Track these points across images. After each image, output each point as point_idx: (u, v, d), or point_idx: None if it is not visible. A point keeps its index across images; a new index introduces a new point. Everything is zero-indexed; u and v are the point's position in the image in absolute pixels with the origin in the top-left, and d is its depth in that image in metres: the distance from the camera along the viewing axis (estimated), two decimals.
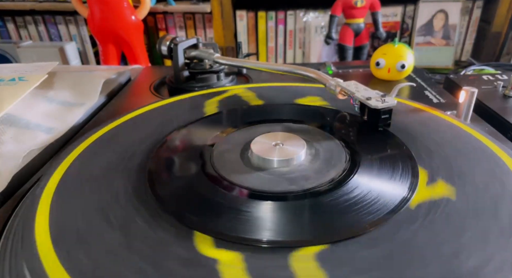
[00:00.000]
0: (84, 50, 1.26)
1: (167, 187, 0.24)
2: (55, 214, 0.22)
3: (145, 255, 0.18)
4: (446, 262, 0.18)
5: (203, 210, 0.22)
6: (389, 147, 0.28)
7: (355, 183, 0.24)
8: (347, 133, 0.30)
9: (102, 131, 0.31)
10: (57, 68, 0.47)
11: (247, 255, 0.18)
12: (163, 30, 1.23)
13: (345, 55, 1.07)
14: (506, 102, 0.40)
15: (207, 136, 0.31)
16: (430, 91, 0.45)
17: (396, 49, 0.48)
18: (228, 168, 0.26)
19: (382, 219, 0.20)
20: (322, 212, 0.21)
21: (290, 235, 0.20)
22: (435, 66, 1.13)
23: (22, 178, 0.30)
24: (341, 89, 0.32)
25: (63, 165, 0.27)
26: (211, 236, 0.20)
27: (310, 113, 0.34)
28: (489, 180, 0.24)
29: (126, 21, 0.98)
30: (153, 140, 0.30)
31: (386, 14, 1.12)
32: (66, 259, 0.18)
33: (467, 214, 0.21)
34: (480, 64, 0.67)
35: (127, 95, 0.48)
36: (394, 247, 0.19)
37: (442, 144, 0.28)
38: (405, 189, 0.23)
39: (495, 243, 0.19)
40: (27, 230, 0.20)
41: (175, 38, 0.47)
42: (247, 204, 0.22)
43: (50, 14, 1.21)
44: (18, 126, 0.35)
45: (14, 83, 0.40)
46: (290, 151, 0.27)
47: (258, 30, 1.17)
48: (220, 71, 0.47)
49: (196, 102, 0.37)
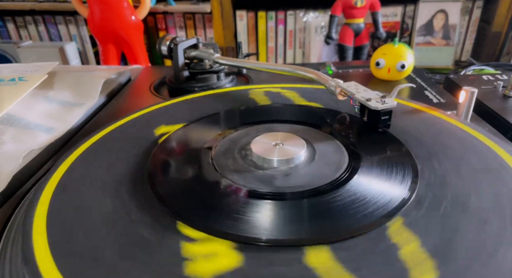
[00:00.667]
0: (84, 50, 1.26)
1: (167, 187, 0.24)
2: (53, 216, 0.22)
3: (145, 262, 0.18)
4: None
5: (203, 209, 0.22)
6: (389, 147, 0.28)
7: (355, 183, 0.24)
8: (346, 134, 0.30)
9: (105, 132, 0.31)
10: (57, 68, 0.47)
11: (247, 254, 0.18)
12: (163, 30, 1.23)
13: (345, 55, 1.07)
14: (506, 102, 0.40)
15: (207, 136, 0.31)
16: (430, 91, 0.45)
17: (396, 49, 0.48)
18: (228, 167, 0.26)
19: (382, 219, 0.20)
20: (322, 212, 0.21)
21: (290, 234, 0.20)
22: (435, 66, 1.13)
23: (22, 178, 0.30)
24: (341, 90, 0.32)
25: (63, 166, 0.27)
26: (211, 235, 0.20)
27: (310, 114, 0.34)
28: (491, 179, 0.24)
29: (126, 21, 0.98)
30: (153, 140, 0.30)
31: (386, 14, 1.12)
32: (63, 262, 0.18)
33: (469, 212, 0.21)
34: (480, 64, 0.67)
35: (127, 95, 0.48)
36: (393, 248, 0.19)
37: (442, 144, 0.28)
38: (405, 189, 0.23)
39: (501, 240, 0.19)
40: (25, 233, 0.20)
41: (175, 38, 0.47)
42: (247, 204, 0.22)
43: (50, 14, 1.21)
44: (18, 126, 0.35)
45: (14, 83, 0.40)
46: (290, 151, 0.27)
47: (258, 30, 1.17)
48: (220, 71, 0.47)
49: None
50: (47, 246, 0.19)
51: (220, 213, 0.22)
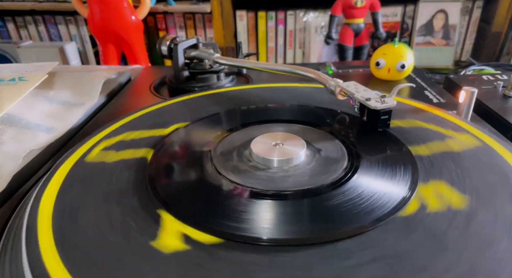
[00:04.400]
0: (84, 50, 1.26)
1: (168, 187, 0.24)
2: (58, 215, 0.22)
3: (148, 258, 0.18)
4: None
5: (202, 209, 0.22)
6: (389, 147, 0.28)
7: (355, 183, 0.24)
8: (346, 134, 0.30)
9: (106, 132, 0.32)
10: (57, 68, 0.47)
11: (247, 254, 0.18)
12: (163, 30, 1.23)
13: (345, 55, 1.07)
14: (506, 102, 0.40)
15: (207, 136, 0.31)
16: (430, 91, 0.46)
17: (396, 49, 0.48)
18: (228, 167, 0.26)
19: (382, 219, 0.20)
20: (322, 212, 0.21)
21: (290, 234, 0.20)
22: (435, 66, 1.13)
23: (22, 178, 0.30)
24: (340, 89, 0.32)
25: (65, 165, 0.27)
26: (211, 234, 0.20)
27: (310, 114, 0.34)
28: (491, 177, 0.24)
29: (126, 21, 0.98)
30: (154, 139, 0.30)
31: (386, 14, 1.12)
32: (68, 260, 0.18)
33: (468, 212, 0.21)
34: (480, 64, 0.67)
35: (127, 95, 0.48)
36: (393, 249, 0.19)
37: (442, 144, 0.28)
38: (405, 189, 0.23)
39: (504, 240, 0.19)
40: (30, 231, 0.20)
41: (175, 38, 0.47)
42: (247, 204, 0.22)
43: (50, 14, 1.21)
44: (18, 126, 0.35)
45: (14, 83, 0.40)
46: (290, 151, 0.27)
47: (258, 30, 1.17)
48: (220, 71, 0.47)
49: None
50: (54, 246, 0.19)
51: (220, 213, 0.22)
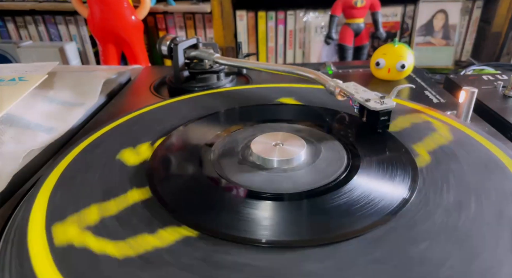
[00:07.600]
0: (84, 50, 1.26)
1: (167, 186, 0.24)
2: (51, 215, 0.22)
3: (145, 259, 0.18)
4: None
5: (202, 209, 0.22)
6: (389, 148, 0.28)
7: (355, 184, 0.24)
8: (346, 134, 0.30)
9: (104, 130, 0.32)
10: (57, 68, 0.47)
11: (247, 254, 0.18)
12: (163, 30, 1.23)
13: (345, 55, 1.07)
14: (506, 102, 0.40)
15: (207, 136, 0.31)
16: (430, 91, 0.45)
17: (396, 49, 0.48)
18: (228, 167, 0.26)
19: (382, 219, 0.20)
20: (322, 212, 0.21)
21: (289, 235, 0.20)
22: (435, 66, 1.13)
23: (22, 178, 0.30)
24: (340, 90, 0.32)
25: (61, 165, 0.27)
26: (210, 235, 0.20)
27: (310, 114, 0.34)
28: (488, 181, 0.24)
29: (126, 21, 0.98)
30: (154, 138, 0.30)
31: (386, 14, 1.12)
32: (61, 262, 0.18)
33: (465, 214, 0.21)
34: (480, 64, 0.67)
35: (127, 95, 0.48)
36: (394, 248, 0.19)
37: (441, 145, 0.28)
38: (405, 190, 0.23)
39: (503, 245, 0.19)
40: (22, 233, 0.20)
41: (175, 38, 0.47)
42: (247, 204, 0.22)
43: (50, 14, 1.21)
44: (18, 126, 0.35)
45: (14, 83, 0.40)
46: (290, 151, 0.27)
47: (258, 30, 1.17)
48: (220, 71, 0.47)
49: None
50: (47, 247, 0.19)
51: (220, 213, 0.22)
